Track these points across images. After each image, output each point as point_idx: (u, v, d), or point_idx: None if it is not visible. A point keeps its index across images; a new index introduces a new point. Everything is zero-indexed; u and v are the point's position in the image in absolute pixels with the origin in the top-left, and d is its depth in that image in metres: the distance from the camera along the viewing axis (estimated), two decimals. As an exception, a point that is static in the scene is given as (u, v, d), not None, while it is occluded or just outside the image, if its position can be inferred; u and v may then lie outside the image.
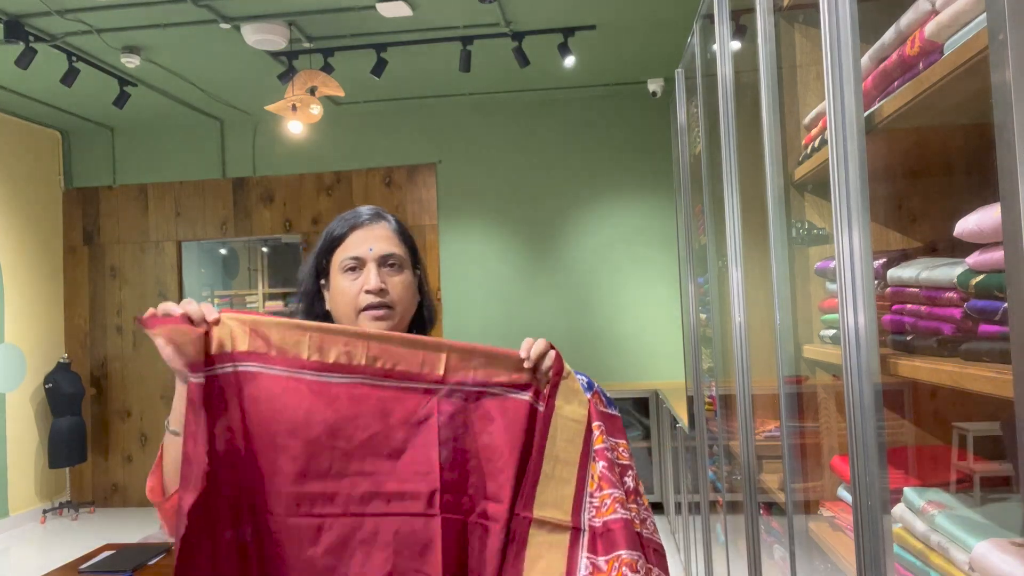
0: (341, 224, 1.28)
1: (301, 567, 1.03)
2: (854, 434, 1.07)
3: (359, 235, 1.25)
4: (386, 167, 6.23)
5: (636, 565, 1.04)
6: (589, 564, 1.05)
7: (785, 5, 1.79)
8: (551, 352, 1.14)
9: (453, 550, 1.06)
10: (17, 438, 5.83)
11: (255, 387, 1.05)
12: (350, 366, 1.08)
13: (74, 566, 2.63)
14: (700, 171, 2.82)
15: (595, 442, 1.11)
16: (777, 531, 2.10)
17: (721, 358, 2.58)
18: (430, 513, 1.05)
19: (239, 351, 1.06)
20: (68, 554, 4.93)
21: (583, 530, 1.07)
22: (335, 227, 1.29)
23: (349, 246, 1.25)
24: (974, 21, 0.95)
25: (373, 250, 1.24)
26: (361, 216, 1.28)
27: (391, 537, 1.04)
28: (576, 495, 1.08)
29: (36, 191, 6.24)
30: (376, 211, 1.30)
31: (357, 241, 1.25)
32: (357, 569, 1.03)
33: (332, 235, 1.28)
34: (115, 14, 4.21)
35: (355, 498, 1.05)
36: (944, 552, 1.08)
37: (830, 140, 1.13)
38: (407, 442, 1.07)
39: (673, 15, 4.52)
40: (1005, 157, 0.68)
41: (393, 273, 1.25)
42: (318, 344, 1.08)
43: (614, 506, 1.07)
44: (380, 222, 1.28)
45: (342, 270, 1.24)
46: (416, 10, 4.30)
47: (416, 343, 1.11)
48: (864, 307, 1.06)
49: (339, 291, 1.24)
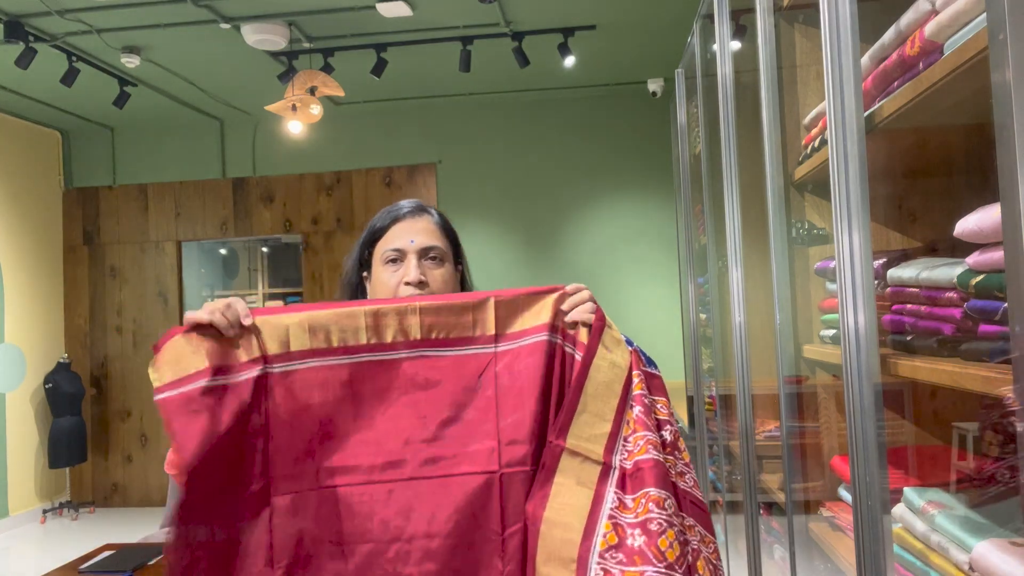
0: (384, 216, 1.30)
1: (375, 529, 1.08)
2: (854, 434, 1.07)
3: (401, 227, 1.27)
4: (386, 167, 6.23)
5: (664, 503, 1.04)
6: (616, 499, 1.06)
7: (785, 5, 1.79)
8: (589, 303, 1.17)
9: (510, 501, 1.09)
10: (17, 438, 5.83)
11: (320, 379, 1.11)
12: (408, 341, 1.14)
13: (74, 566, 2.63)
14: (700, 171, 2.82)
15: (634, 388, 1.14)
16: (777, 531, 2.10)
17: (721, 358, 2.58)
18: (490, 470, 1.10)
19: (299, 350, 1.12)
20: (68, 554, 4.93)
21: (614, 468, 1.08)
22: (377, 219, 1.30)
23: (391, 238, 1.27)
24: (974, 21, 0.95)
25: (414, 242, 1.25)
26: (403, 208, 1.29)
27: (455, 497, 1.09)
28: (611, 435, 1.10)
29: (36, 191, 6.24)
30: (418, 204, 1.31)
31: (399, 233, 1.26)
32: (424, 528, 1.07)
33: (374, 227, 1.30)
34: (115, 14, 4.21)
35: (421, 463, 1.10)
36: (944, 552, 1.08)
37: (830, 140, 1.13)
38: (467, 405, 1.13)
39: (673, 15, 4.52)
40: (1005, 157, 0.68)
41: (434, 266, 1.26)
42: (374, 327, 1.13)
43: (646, 447, 1.08)
44: (423, 215, 1.29)
45: (383, 262, 1.26)
46: (416, 10, 4.30)
47: (465, 306, 1.16)
48: (864, 307, 1.06)
49: (380, 282, 1.26)
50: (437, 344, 1.15)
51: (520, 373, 1.14)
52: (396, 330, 1.14)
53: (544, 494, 1.07)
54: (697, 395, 3.31)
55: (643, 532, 1.02)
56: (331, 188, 6.27)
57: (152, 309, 6.39)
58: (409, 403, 1.13)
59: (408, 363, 1.13)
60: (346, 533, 1.08)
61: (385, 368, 1.13)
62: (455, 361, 1.14)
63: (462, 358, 1.15)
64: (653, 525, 1.02)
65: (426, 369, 1.14)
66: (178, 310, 6.39)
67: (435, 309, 1.15)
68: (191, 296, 7.13)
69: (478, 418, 1.13)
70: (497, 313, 1.16)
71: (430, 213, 1.31)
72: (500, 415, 1.12)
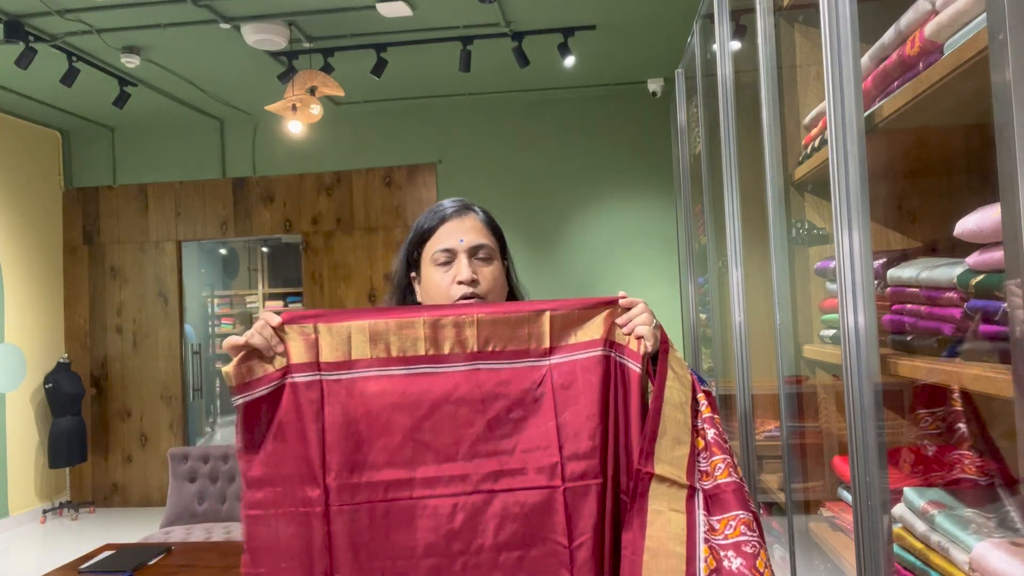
0: (430, 217, 1.30)
1: (439, 543, 1.09)
2: (854, 434, 1.07)
3: (449, 227, 1.27)
4: (386, 167, 6.23)
5: (752, 524, 1.06)
6: (706, 522, 1.08)
7: (785, 5, 1.79)
8: (647, 315, 1.19)
9: (576, 514, 1.11)
10: (17, 438, 5.83)
11: (379, 389, 1.13)
12: (466, 354, 1.15)
13: (74, 566, 2.63)
14: (700, 171, 2.82)
15: (703, 411, 1.15)
16: (777, 531, 2.10)
17: (721, 358, 2.58)
18: (553, 485, 1.11)
19: (360, 359, 1.14)
20: (68, 554, 4.93)
21: (697, 490, 1.10)
22: (424, 220, 1.31)
23: (440, 238, 1.27)
24: (974, 21, 0.95)
25: (464, 241, 1.26)
26: (449, 208, 1.29)
27: (519, 510, 1.10)
28: (689, 457, 1.11)
29: (36, 191, 6.24)
30: (463, 202, 1.31)
31: (447, 233, 1.27)
32: (491, 541, 1.09)
33: (422, 228, 1.30)
34: (115, 14, 4.21)
35: (483, 477, 1.12)
36: (944, 552, 1.08)
37: (830, 140, 1.13)
38: (527, 418, 1.14)
39: (673, 15, 4.52)
40: (1005, 157, 0.68)
41: (484, 264, 1.27)
42: (432, 338, 1.15)
43: (728, 470, 1.11)
44: (468, 213, 1.29)
45: (434, 263, 1.27)
46: (416, 10, 4.30)
47: (521, 319, 1.16)
48: (864, 307, 1.06)
49: (432, 283, 1.27)
50: (493, 356, 1.16)
51: (578, 387, 1.15)
52: (454, 342, 1.15)
53: (641, 523, 1.08)
54: (697, 395, 3.30)
55: (738, 554, 1.04)
56: (331, 188, 6.27)
57: (152, 309, 6.39)
58: (467, 416, 1.13)
59: (465, 375, 1.15)
60: (408, 547, 1.09)
61: (443, 380, 1.14)
62: (512, 374, 1.16)
63: (519, 371, 1.16)
64: (748, 548, 1.05)
65: (483, 382, 1.15)
66: (178, 310, 6.39)
67: (492, 322, 1.16)
68: (191, 296, 7.13)
69: (538, 432, 1.14)
70: (552, 326, 1.17)
71: (475, 211, 1.31)
72: (561, 429, 1.13)
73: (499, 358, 1.16)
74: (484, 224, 1.30)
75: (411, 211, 6.16)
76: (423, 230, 1.30)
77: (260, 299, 12.09)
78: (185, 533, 3.61)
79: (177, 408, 6.33)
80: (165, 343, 6.37)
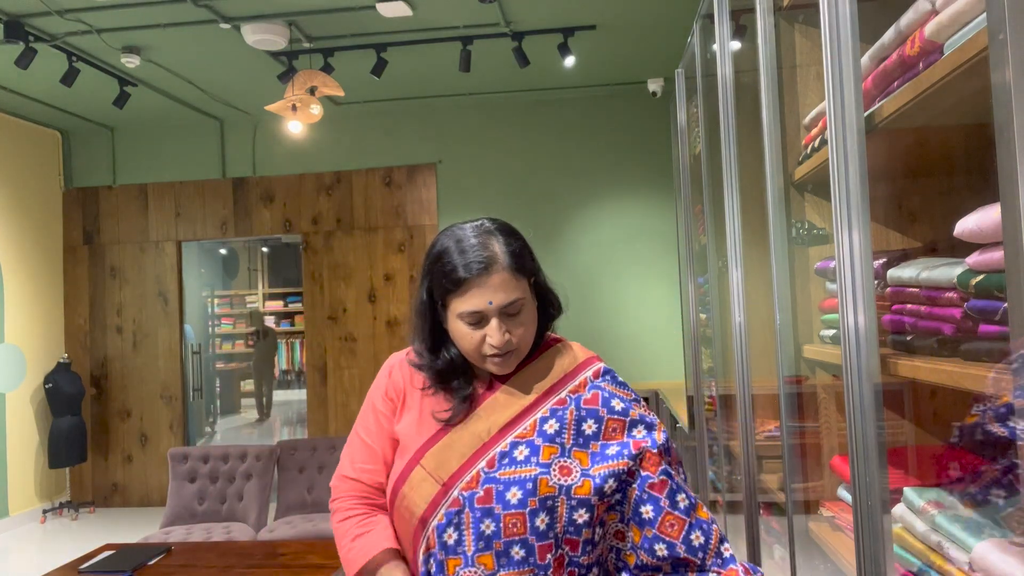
0: (457, 270, 1.20)
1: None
2: (854, 434, 1.07)
3: (475, 291, 1.19)
4: (386, 167, 6.23)
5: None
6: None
7: (785, 5, 1.79)
8: None
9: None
10: (17, 438, 5.83)
11: None
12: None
13: (74, 566, 2.63)
14: (700, 171, 2.81)
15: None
16: (777, 531, 2.10)
17: (721, 358, 2.58)
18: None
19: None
20: (68, 554, 4.93)
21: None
22: (449, 268, 1.21)
23: (467, 300, 1.20)
24: (974, 21, 0.95)
25: (493, 303, 1.19)
26: (475, 265, 1.20)
27: None
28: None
29: (36, 191, 6.24)
30: (489, 256, 1.20)
31: (473, 296, 1.19)
32: None
33: (448, 279, 1.21)
34: (115, 14, 4.21)
35: None
36: (944, 552, 1.08)
37: (830, 140, 1.13)
38: None
39: (673, 15, 4.52)
40: (1005, 157, 0.68)
41: (514, 322, 1.22)
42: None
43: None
44: (495, 268, 1.20)
45: (462, 320, 1.21)
46: (416, 10, 4.30)
47: None
48: (864, 307, 1.06)
49: (461, 335, 1.22)
50: None
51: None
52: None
53: None
54: (697, 395, 3.31)
55: None
56: (331, 188, 6.27)
57: (152, 309, 6.39)
58: None
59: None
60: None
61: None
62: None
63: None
64: None
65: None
66: (178, 310, 6.39)
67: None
68: (191, 296, 7.12)
69: None
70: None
71: (500, 257, 1.21)
72: None
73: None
74: (511, 272, 1.20)
75: (411, 211, 6.16)
76: (449, 282, 1.21)
77: (260, 299, 12.09)
78: (185, 533, 3.61)
79: (177, 408, 6.33)
80: (165, 343, 6.37)
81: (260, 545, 2.89)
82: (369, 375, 6.10)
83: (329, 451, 4.02)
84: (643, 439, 1.20)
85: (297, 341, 11.97)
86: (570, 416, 1.22)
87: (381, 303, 6.14)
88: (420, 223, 6.14)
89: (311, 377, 6.20)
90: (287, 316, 12.01)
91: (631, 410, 1.23)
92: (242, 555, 2.73)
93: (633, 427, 1.22)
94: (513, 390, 1.26)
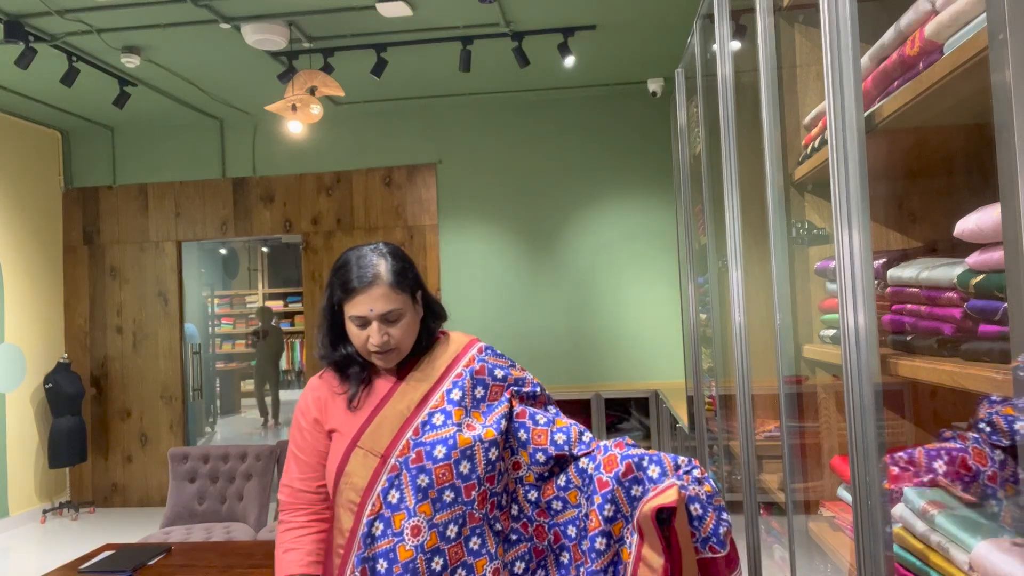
0: (347, 282, 1.51)
1: None
2: (854, 434, 1.07)
3: (361, 298, 1.49)
4: (386, 167, 6.23)
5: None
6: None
7: (785, 5, 1.79)
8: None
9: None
10: (17, 438, 5.83)
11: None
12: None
13: (74, 566, 2.63)
14: (700, 171, 2.81)
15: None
16: (777, 531, 2.10)
17: (721, 358, 2.58)
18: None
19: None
20: (68, 554, 4.93)
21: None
22: (345, 281, 1.52)
23: (354, 306, 1.50)
24: (974, 21, 0.95)
25: (373, 311, 1.48)
26: (362, 281, 1.50)
27: None
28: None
29: (36, 191, 6.24)
30: (374, 273, 1.50)
31: (360, 303, 1.49)
32: None
33: (343, 288, 1.52)
34: (115, 14, 4.21)
35: None
36: (944, 552, 1.08)
37: (830, 140, 1.13)
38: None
39: (673, 15, 4.52)
40: (1005, 157, 0.68)
41: (392, 323, 1.50)
42: None
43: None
44: (377, 284, 1.49)
45: (352, 323, 1.51)
46: (416, 10, 4.30)
47: None
48: (864, 307, 1.06)
49: (353, 334, 1.53)
50: None
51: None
52: None
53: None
54: (697, 395, 3.31)
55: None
56: (331, 188, 6.27)
57: (152, 309, 6.39)
58: None
59: None
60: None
61: None
62: None
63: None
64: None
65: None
66: (178, 310, 6.39)
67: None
68: (191, 296, 7.13)
69: None
70: None
71: (382, 275, 1.50)
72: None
73: None
74: (391, 287, 1.49)
75: (411, 211, 6.16)
76: (341, 291, 1.52)
77: (260, 299, 12.09)
78: (185, 533, 3.61)
79: (177, 408, 6.33)
80: (165, 343, 6.37)
81: (260, 545, 2.89)
82: (369, 375, 6.10)
83: (329, 451, 4.01)
84: (514, 391, 1.58)
85: (297, 341, 11.97)
86: (467, 384, 1.54)
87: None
88: (420, 223, 6.14)
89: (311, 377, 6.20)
90: (287, 316, 12.01)
91: (509, 375, 1.58)
92: (242, 555, 2.73)
93: (508, 387, 1.57)
94: (419, 375, 1.56)
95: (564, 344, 5.92)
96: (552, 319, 5.97)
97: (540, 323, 5.94)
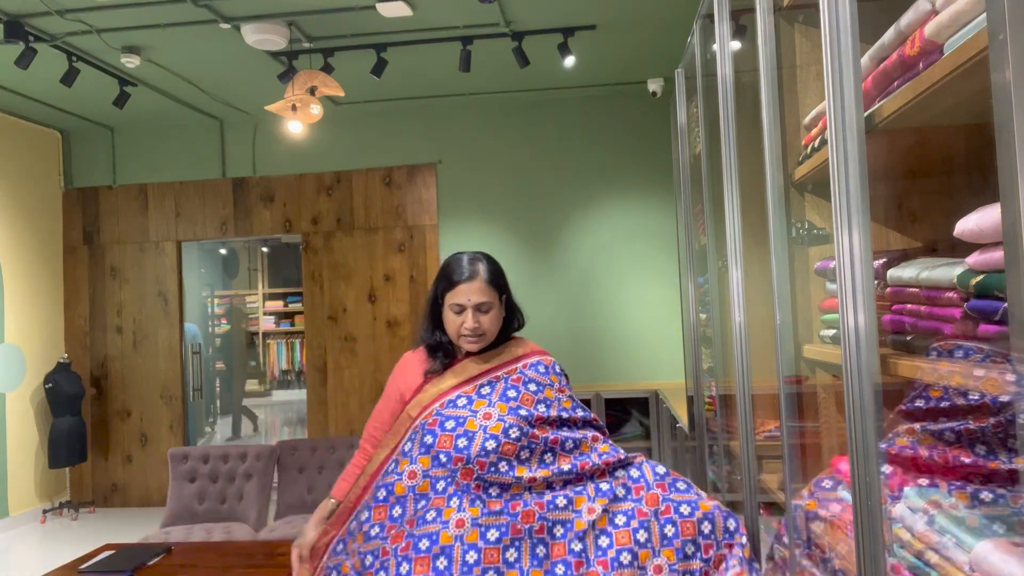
0: (451, 275, 1.91)
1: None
2: (854, 434, 1.07)
3: (462, 288, 1.88)
4: (386, 167, 6.23)
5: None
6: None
7: (785, 5, 1.79)
8: None
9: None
10: (17, 438, 5.83)
11: None
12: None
13: (74, 566, 2.63)
14: (700, 171, 2.81)
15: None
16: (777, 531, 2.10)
17: (721, 358, 2.58)
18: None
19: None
20: (68, 554, 4.93)
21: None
22: (450, 273, 1.91)
23: (456, 295, 1.89)
24: (974, 21, 0.95)
25: (471, 300, 1.88)
26: (463, 273, 1.89)
27: None
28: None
29: (36, 191, 6.24)
30: (473, 270, 1.90)
31: (461, 292, 1.88)
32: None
33: (446, 281, 1.91)
34: (115, 14, 4.21)
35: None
36: (944, 552, 1.08)
37: (830, 140, 1.13)
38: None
39: (673, 15, 4.52)
40: (1005, 157, 0.68)
41: (484, 313, 1.89)
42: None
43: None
44: (476, 279, 1.89)
45: (451, 310, 1.90)
46: (416, 10, 4.30)
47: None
48: (864, 307, 1.06)
49: (448, 320, 1.92)
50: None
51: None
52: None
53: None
54: (697, 395, 3.31)
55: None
56: (331, 188, 6.27)
57: (152, 309, 6.39)
58: None
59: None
60: None
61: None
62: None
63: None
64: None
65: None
66: (178, 310, 6.39)
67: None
68: (191, 296, 7.13)
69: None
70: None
71: (481, 272, 1.90)
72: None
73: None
74: (487, 283, 1.89)
75: (411, 211, 6.16)
76: (446, 283, 1.91)
77: (260, 299, 12.09)
78: (185, 533, 3.61)
79: (177, 408, 6.33)
80: (165, 343, 6.38)
81: (260, 545, 2.89)
82: (369, 375, 6.11)
83: (329, 451, 4.02)
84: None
85: (297, 341, 11.97)
86: (515, 380, 1.89)
87: (381, 303, 6.14)
88: (420, 223, 6.14)
89: (311, 377, 6.20)
90: (287, 316, 12.00)
91: (566, 386, 1.97)
92: (242, 555, 2.73)
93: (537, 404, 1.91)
94: (474, 363, 1.94)
95: (564, 344, 5.92)
96: (552, 319, 5.97)
97: (540, 323, 5.94)
